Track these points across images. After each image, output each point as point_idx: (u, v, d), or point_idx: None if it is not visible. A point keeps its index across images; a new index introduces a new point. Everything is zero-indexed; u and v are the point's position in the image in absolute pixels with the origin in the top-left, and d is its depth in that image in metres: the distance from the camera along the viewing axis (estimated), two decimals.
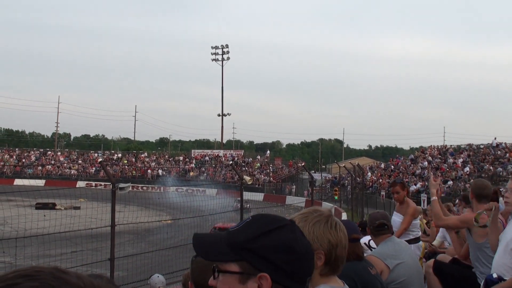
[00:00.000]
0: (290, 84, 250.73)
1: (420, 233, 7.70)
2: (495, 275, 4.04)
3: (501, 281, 3.87)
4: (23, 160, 78.23)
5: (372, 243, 6.71)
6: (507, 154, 44.66)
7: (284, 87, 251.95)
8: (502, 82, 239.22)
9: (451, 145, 57.40)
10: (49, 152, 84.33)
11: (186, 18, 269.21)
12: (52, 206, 37.68)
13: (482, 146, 50.46)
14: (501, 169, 40.93)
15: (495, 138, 49.87)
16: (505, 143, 48.42)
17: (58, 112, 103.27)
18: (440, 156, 51.14)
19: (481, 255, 4.72)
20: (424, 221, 10.44)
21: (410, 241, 6.89)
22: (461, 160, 47.01)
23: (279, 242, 1.56)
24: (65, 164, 76.84)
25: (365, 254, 6.31)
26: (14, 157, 79.78)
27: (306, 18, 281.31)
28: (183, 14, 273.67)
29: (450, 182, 40.71)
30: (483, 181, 5.61)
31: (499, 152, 46.33)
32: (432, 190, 5.40)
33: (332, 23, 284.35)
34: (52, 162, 77.99)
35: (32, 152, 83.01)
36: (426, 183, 42.96)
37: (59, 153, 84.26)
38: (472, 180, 39.72)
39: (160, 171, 71.58)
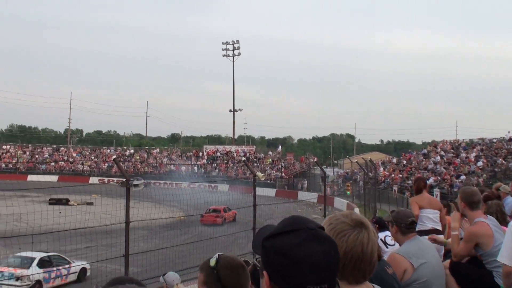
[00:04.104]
0: (302, 79, 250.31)
1: (427, 227, 7.54)
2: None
3: None
4: (36, 156, 78.79)
5: (388, 240, 6.65)
6: None
7: (296, 82, 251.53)
8: None
9: (463, 139, 56.97)
10: (62, 148, 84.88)
11: (197, 13, 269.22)
12: (66, 202, 38.01)
13: (495, 140, 50.10)
14: None
15: (508, 132, 49.47)
16: None
17: (70, 108, 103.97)
18: (452, 151, 50.85)
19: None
20: None
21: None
22: (473, 154, 46.71)
23: (280, 245, 1.62)
24: (78, 160, 77.26)
25: (387, 249, 6.28)
26: (28, 153, 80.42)
27: (318, 13, 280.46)
28: (194, 10, 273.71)
29: (463, 177, 40.48)
30: (471, 188, 5.57)
31: None
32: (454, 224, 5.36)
33: (345, 18, 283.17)
34: (65, 158, 78.47)
35: (45, 148, 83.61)
36: (439, 177, 42.81)
37: (71, 149, 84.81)
38: (484, 175, 39.67)
39: (172, 166, 71.84)
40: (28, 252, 18.30)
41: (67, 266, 19.72)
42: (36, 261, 18.52)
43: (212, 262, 2.49)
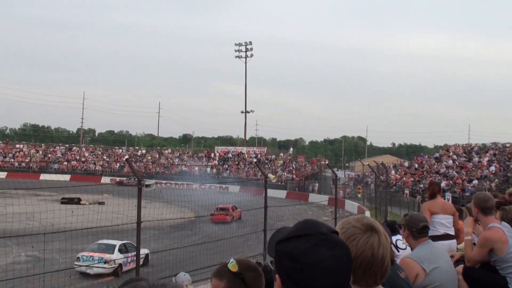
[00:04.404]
0: (313, 81, 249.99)
1: (440, 232, 7.52)
2: None
3: None
4: (49, 155, 79.26)
5: (399, 243, 6.61)
6: None
7: (307, 84, 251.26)
8: None
9: (476, 144, 56.55)
10: (75, 148, 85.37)
11: (210, 14, 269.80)
12: (77, 201, 38.20)
13: (508, 145, 49.73)
14: None
15: None
16: None
17: (83, 108, 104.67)
18: (465, 155, 50.52)
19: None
20: None
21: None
22: (486, 159, 46.37)
23: (291, 249, 1.63)
24: (90, 160, 77.58)
25: (399, 253, 6.24)
26: (40, 152, 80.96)
27: (329, 14, 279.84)
28: (207, 11, 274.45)
29: (475, 181, 40.21)
30: (484, 193, 5.58)
31: None
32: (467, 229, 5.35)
33: (356, 19, 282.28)
34: (77, 157, 78.86)
35: (58, 148, 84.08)
36: (451, 181, 42.57)
37: (84, 149, 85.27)
38: (496, 180, 39.35)
39: (183, 167, 71.92)
40: (108, 240, 21.22)
41: None
42: (117, 247, 21.12)
43: (234, 266, 2.46)
